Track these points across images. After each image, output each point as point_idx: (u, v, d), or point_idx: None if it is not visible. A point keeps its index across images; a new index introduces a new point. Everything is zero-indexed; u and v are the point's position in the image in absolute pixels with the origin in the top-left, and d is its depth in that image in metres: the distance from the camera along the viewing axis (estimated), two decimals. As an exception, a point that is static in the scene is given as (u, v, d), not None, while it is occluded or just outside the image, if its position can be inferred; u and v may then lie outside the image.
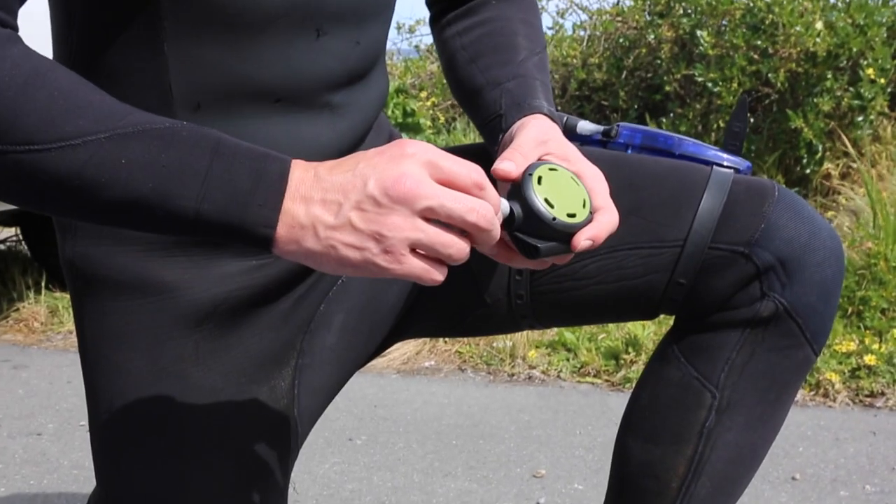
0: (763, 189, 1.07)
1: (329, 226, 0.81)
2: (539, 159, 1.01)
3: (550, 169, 0.95)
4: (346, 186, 0.81)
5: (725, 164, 1.20)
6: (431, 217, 0.81)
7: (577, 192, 0.96)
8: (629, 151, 1.26)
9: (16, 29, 0.83)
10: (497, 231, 0.85)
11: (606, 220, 0.96)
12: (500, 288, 1.15)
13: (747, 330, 1.05)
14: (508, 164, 0.96)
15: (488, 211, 0.83)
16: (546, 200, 0.92)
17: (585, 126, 1.30)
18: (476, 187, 0.83)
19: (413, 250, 0.81)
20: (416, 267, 0.81)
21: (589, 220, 0.94)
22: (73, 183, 0.79)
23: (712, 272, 1.05)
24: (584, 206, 0.95)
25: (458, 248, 0.82)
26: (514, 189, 0.93)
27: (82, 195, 0.80)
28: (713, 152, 1.23)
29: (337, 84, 1.06)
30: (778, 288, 1.03)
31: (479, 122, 1.14)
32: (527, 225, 0.92)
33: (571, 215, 0.93)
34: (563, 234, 0.93)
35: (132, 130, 0.80)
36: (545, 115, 1.08)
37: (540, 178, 0.93)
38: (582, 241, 0.93)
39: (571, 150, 1.04)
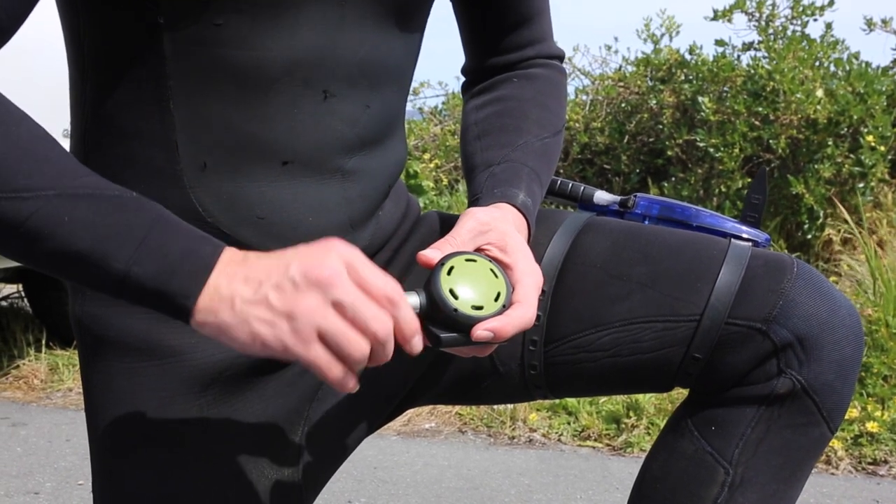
0: (782, 264, 1.05)
1: (246, 300, 0.84)
2: (478, 249, 1.01)
3: (468, 259, 0.95)
4: (269, 269, 0.85)
5: (745, 236, 1.20)
6: (340, 312, 0.83)
7: (494, 284, 0.95)
8: (646, 222, 1.26)
9: None
10: (390, 351, 0.86)
11: (517, 315, 0.95)
12: (513, 358, 1.14)
13: (763, 406, 1.03)
14: (433, 252, 0.98)
15: (388, 326, 0.85)
16: (451, 291, 0.92)
17: (602, 196, 1.30)
18: (387, 301, 0.85)
19: (321, 340, 0.83)
20: (321, 356, 0.83)
21: (498, 314, 0.94)
22: (15, 231, 0.82)
23: (729, 348, 1.04)
24: (496, 299, 0.94)
25: (359, 347, 0.83)
26: (427, 278, 0.94)
27: (19, 242, 0.83)
28: (732, 224, 1.22)
29: (348, 148, 1.06)
30: (795, 365, 1.01)
31: (468, 200, 1.15)
32: (432, 314, 0.92)
33: (478, 307, 0.93)
34: (465, 326, 0.92)
35: (81, 192, 0.84)
36: (514, 205, 1.08)
37: (451, 269, 0.94)
38: (479, 331, 0.92)
39: (514, 241, 1.03)
